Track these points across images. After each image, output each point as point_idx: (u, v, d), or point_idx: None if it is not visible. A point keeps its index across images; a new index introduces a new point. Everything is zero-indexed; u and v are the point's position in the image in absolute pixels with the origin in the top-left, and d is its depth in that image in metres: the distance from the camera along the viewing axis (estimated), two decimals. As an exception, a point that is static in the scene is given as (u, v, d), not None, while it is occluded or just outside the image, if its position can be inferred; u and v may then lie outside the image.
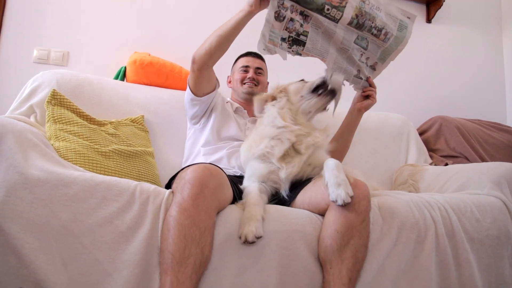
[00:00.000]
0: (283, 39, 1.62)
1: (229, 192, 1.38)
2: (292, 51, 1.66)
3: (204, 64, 1.77)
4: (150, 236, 1.22)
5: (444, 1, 3.14)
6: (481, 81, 3.37)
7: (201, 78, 1.84)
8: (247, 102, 2.08)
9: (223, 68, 2.24)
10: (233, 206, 1.39)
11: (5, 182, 1.17)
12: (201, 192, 1.21)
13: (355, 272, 1.30)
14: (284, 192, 1.57)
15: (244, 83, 2.12)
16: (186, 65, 2.45)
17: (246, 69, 2.14)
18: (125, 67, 2.39)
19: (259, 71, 2.17)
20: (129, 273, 1.18)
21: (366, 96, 1.89)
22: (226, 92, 2.29)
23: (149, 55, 2.40)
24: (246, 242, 1.25)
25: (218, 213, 1.31)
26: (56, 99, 1.76)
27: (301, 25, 1.61)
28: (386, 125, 2.60)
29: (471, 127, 2.72)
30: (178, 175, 1.35)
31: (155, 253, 1.22)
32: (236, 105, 2.10)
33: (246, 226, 1.26)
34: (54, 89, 1.79)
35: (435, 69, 3.26)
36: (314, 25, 1.62)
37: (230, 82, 2.26)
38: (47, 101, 1.74)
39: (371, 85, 1.86)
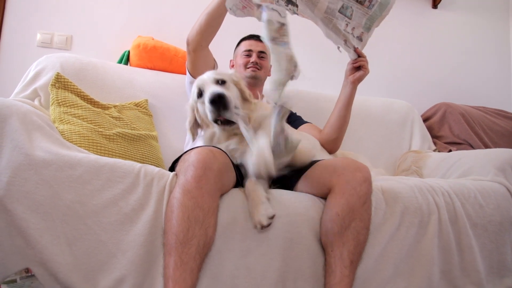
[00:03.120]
0: None
1: (232, 175, 1.38)
2: (289, 9, 1.55)
3: (198, 45, 1.77)
4: (154, 218, 1.23)
5: (450, -14, 3.10)
6: (487, 68, 3.33)
7: (198, 60, 1.84)
8: (251, 87, 2.05)
9: (226, 52, 2.23)
10: (236, 189, 1.39)
11: (10, 163, 1.18)
12: (204, 174, 1.21)
13: (356, 255, 1.31)
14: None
15: (248, 67, 2.08)
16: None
17: (248, 53, 2.11)
18: (129, 51, 2.38)
19: (262, 54, 2.12)
20: (133, 254, 1.19)
21: (358, 67, 1.82)
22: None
23: (153, 39, 2.39)
24: (263, 227, 1.25)
25: (221, 196, 1.32)
26: (60, 82, 1.76)
27: None
28: (390, 111, 2.59)
29: (475, 114, 2.70)
30: (182, 157, 1.35)
31: (159, 234, 1.23)
32: None
33: (255, 213, 1.27)
34: (58, 72, 1.78)
35: (440, 55, 3.23)
36: None
37: (233, 66, 2.23)
38: (51, 84, 1.74)
39: (360, 55, 1.78)
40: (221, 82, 1.52)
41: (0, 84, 2.33)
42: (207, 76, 1.54)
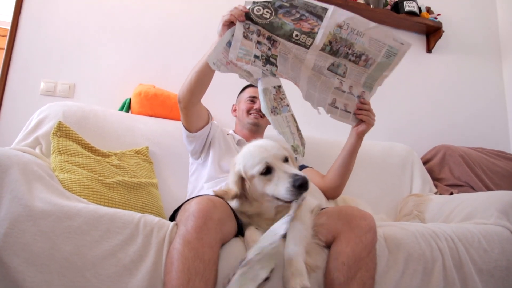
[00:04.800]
0: (256, 57, 1.49)
1: (233, 224, 1.37)
2: (267, 69, 1.51)
3: (189, 102, 1.77)
4: (154, 270, 1.21)
5: (443, 31, 3.20)
6: (483, 109, 3.39)
7: (191, 115, 1.84)
8: (252, 133, 2.08)
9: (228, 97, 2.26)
10: (237, 239, 1.38)
11: (9, 215, 1.17)
12: (205, 224, 1.20)
13: None
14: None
15: (250, 113, 2.08)
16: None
17: (253, 99, 2.10)
18: (130, 99, 2.42)
19: None
20: (132, 308, 1.16)
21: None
22: (230, 120, 2.30)
23: (154, 87, 2.43)
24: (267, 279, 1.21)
25: (222, 245, 1.30)
26: (61, 130, 1.78)
27: (269, 49, 1.51)
28: (390, 155, 2.60)
29: (475, 155, 2.71)
30: (182, 207, 1.34)
31: (159, 286, 1.20)
32: (238, 137, 2.08)
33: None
34: (60, 121, 1.81)
35: (437, 98, 3.29)
36: (282, 51, 1.52)
37: (235, 110, 2.23)
38: (53, 133, 1.76)
39: (362, 108, 1.73)
40: (285, 159, 1.44)
41: (3, 132, 2.36)
42: (275, 153, 1.41)
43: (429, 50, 3.31)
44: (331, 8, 1.44)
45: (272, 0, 1.45)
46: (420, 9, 3.20)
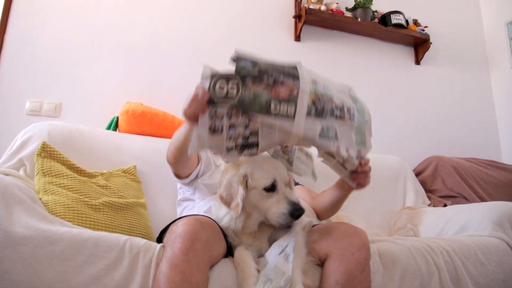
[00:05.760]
0: (229, 149, 1.23)
1: (222, 245, 1.33)
2: (245, 155, 1.26)
3: (177, 163, 1.63)
4: (140, 294, 1.16)
5: (431, 43, 3.22)
6: (473, 119, 3.40)
7: (181, 169, 1.69)
8: None
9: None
10: (227, 259, 1.33)
11: (-13, 242, 1.12)
12: (192, 246, 1.16)
13: None
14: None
15: None
16: (179, 114, 2.46)
17: None
18: (117, 117, 2.38)
19: None
20: (118, 336, 1.11)
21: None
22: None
23: (142, 104, 2.40)
24: None
25: (211, 267, 1.25)
26: (46, 151, 1.73)
27: (246, 127, 1.21)
28: (382, 168, 2.58)
29: (467, 166, 2.70)
30: (169, 228, 1.30)
31: (146, 311, 1.16)
32: None
33: (245, 286, 1.20)
34: (44, 142, 1.76)
35: (428, 109, 3.29)
36: (265, 124, 1.20)
37: None
38: (37, 154, 1.71)
39: (363, 171, 1.43)
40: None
41: (-13, 154, 2.30)
42: (282, 175, 1.41)
43: (417, 62, 3.32)
44: (298, 63, 1.24)
45: (236, 68, 1.16)
46: (407, 21, 3.23)
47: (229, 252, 1.38)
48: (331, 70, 3.06)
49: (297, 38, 3.03)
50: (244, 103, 1.16)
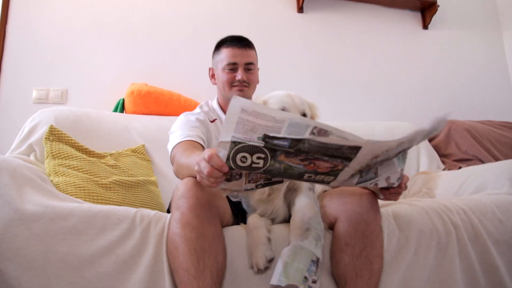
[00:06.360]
0: (247, 190, 1.08)
1: (225, 203, 1.32)
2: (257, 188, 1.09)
3: None
4: (154, 263, 1.18)
5: (438, 6, 3.13)
6: (486, 81, 3.31)
7: None
8: None
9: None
10: (238, 226, 1.33)
11: (0, 220, 1.13)
12: (198, 201, 1.15)
13: (372, 285, 1.21)
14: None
15: (234, 86, 1.72)
16: (184, 92, 2.45)
17: (233, 67, 1.71)
18: (123, 99, 2.38)
19: (249, 66, 1.74)
20: (135, 304, 1.12)
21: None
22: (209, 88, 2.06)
23: (147, 85, 2.39)
24: (259, 271, 1.19)
25: (223, 227, 1.26)
26: (54, 134, 1.74)
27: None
28: (394, 134, 2.52)
29: (481, 128, 2.64)
30: (173, 195, 1.29)
31: (161, 279, 1.16)
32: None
33: (254, 254, 1.20)
34: (51, 125, 1.77)
35: (438, 74, 3.22)
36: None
37: (213, 76, 1.83)
38: (45, 138, 1.72)
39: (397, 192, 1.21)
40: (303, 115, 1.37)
41: (-1, 143, 2.32)
42: (297, 104, 1.35)
43: (425, 26, 3.24)
44: (365, 143, 0.90)
45: (266, 145, 0.90)
46: (412, -15, 3.13)
47: (237, 223, 1.38)
48: (337, 41, 3.01)
49: (300, 9, 2.97)
50: (271, 172, 0.98)
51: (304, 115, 1.37)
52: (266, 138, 0.88)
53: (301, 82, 2.86)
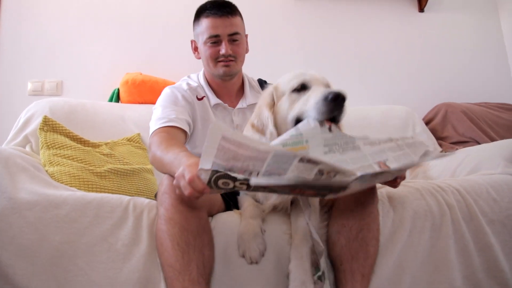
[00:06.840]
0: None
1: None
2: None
3: None
4: (149, 252, 1.17)
5: (434, -12, 3.09)
6: (484, 64, 3.28)
7: None
8: (225, 83, 1.69)
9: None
10: (231, 213, 1.33)
11: (-7, 209, 1.13)
12: (180, 197, 1.10)
13: (367, 268, 1.21)
14: None
15: (219, 61, 1.59)
16: (178, 80, 2.44)
17: (216, 39, 1.56)
18: (118, 89, 2.37)
19: (234, 37, 1.58)
20: (128, 293, 1.12)
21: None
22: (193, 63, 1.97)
23: (141, 74, 2.39)
24: (253, 263, 1.18)
25: (214, 216, 1.26)
26: (48, 125, 1.74)
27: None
28: (390, 117, 2.54)
29: (478, 110, 2.63)
30: (157, 189, 1.27)
31: (156, 269, 1.16)
32: (215, 100, 1.66)
33: (247, 245, 1.19)
34: (45, 116, 1.77)
35: (434, 57, 3.18)
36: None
37: (196, 50, 1.69)
38: (40, 128, 1.73)
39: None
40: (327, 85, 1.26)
41: (-5, 136, 2.33)
42: (315, 75, 1.25)
43: (421, 9, 3.19)
44: (361, 178, 0.88)
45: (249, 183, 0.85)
46: (407, -33, 3.09)
47: (229, 208, 1.38)
48: (332, 25, 2.98)
49: (295, -6, 2.94)
50: (256, 189, 0.91)
51: (327, 86, 1.26)
52: (247, 180, 0.83)
53: (296, 67, 2.84)
